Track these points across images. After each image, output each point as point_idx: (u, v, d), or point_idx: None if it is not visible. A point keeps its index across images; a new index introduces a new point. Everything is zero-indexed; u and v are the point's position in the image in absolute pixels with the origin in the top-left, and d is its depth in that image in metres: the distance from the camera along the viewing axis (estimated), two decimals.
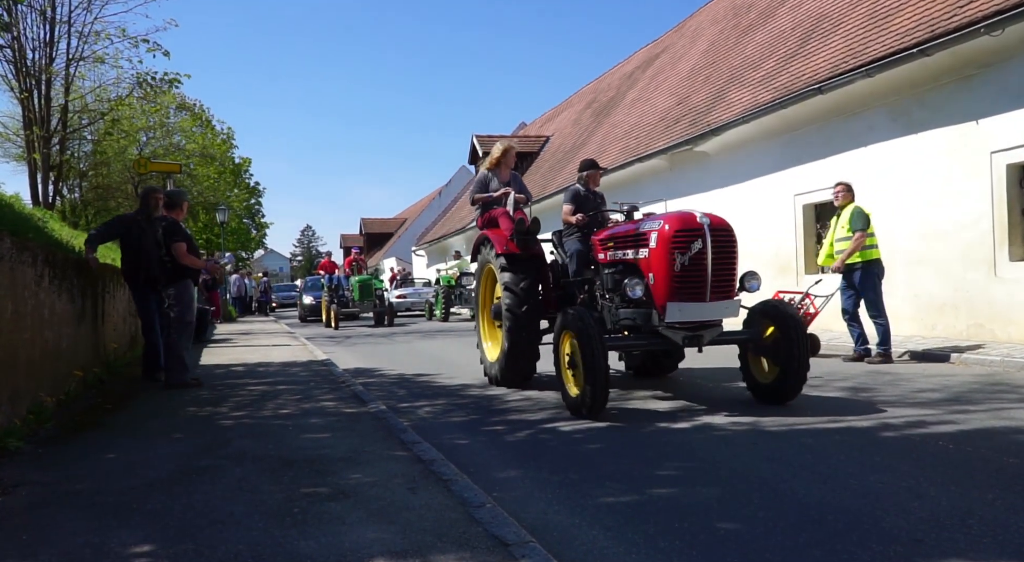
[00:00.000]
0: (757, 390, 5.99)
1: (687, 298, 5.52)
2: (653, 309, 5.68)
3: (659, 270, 5.61)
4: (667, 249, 5.54)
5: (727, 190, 14.10)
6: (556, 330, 5.93)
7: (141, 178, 21.24)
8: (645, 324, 5.82)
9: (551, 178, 23.21)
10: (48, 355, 5.77)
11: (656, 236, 5.65)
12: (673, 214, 5.75)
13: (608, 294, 6.38)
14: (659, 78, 20.85)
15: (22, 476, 3.89)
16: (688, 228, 5.53)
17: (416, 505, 3.30)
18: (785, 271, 12.55)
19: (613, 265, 6.34)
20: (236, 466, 4.07)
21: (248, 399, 6.53)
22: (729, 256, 5.63)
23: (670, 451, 4.52)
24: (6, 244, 4.76)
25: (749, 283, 5.89)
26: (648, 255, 5.73)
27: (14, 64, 15.53)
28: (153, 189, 8.34)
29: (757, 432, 4.94)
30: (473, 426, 5.61)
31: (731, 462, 4.19)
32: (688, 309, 5.54)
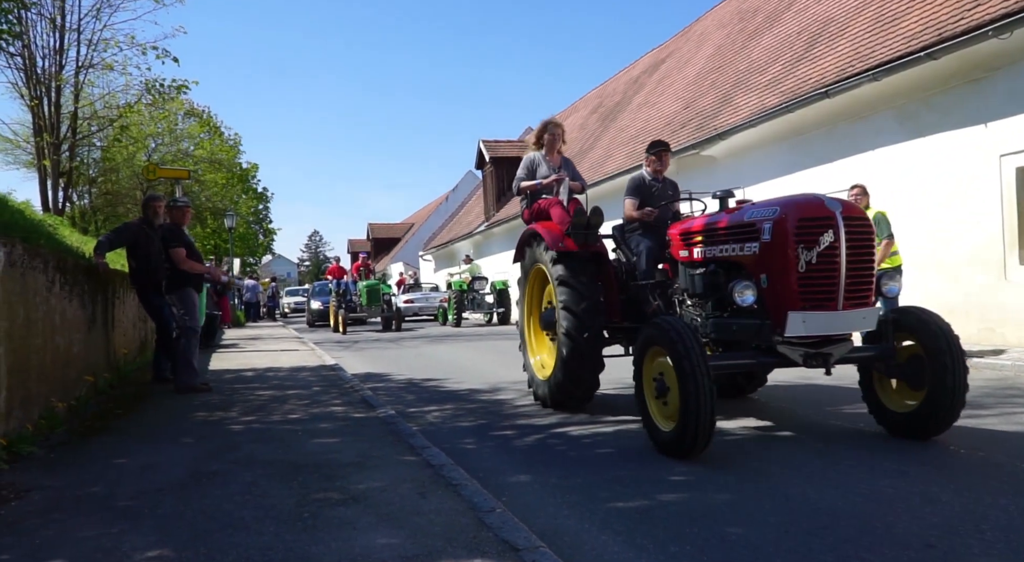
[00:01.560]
0: (889, 421, 4.79)
1: (814, 306, 4.32)
2: (765, 320, 4.50)
3: (776, 270, 4.43)
4: (788, 243, 4.35)
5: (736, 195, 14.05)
6: (639, 346, 4.72)
7: (150, 184, 21.34)
8: (754, 338, 4.63)
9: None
10: (59, 360, 5.80)
11: (771, 227, 4.45)
12: (792, 199, 4.56)
13: (694, 300, 5.30)
14: (665, 82, 20.84)
15: (35, 481, 3.91)
16: (815, 216, 4.33)
17: (426, 510, 3.30)
18: None
19: (702, 264, 5.20)
20: (246, 471, 4.08)
21: (257, 404, 6.55)
22: (867, 251, 4.45)
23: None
24: (18, 250, 4.78)
25: (887, 286, 4.79)
26: (759, 251, 4.55)
27: (24, 72, 15.65)
28: (154, 197, 8.40)
29: (768, 437, 4.93)
30: (482, 431, 5.61)
31: (742, 467, 4.17)
32: (815, 320, 4.32)
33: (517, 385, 7.91)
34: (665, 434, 4.45)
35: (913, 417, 4.61)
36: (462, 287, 21.86)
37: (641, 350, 4.70)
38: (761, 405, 6.07)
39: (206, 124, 28.92)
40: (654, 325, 4.55)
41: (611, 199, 18.66)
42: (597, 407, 6.34)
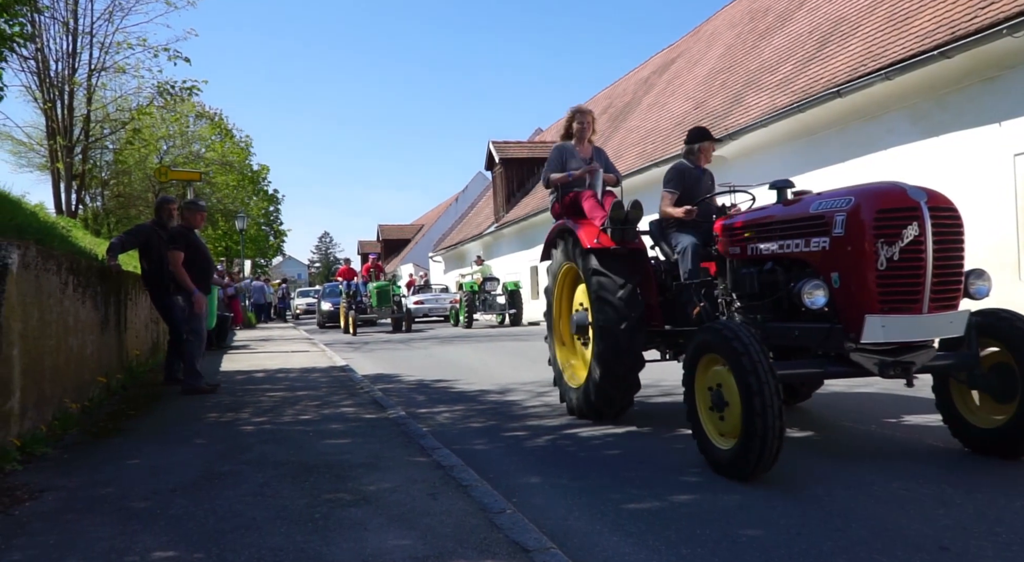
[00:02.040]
0: (972, 438, 4.30)
1: (894, 308, 3.85)
2: (835, 324, 4.03)
3: (850, 268, 3.93)
4: (865, 237, 3.86)
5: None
6: (692, 353, 4.25)
7: (162, 186, 21.48)
8: (821, 344, 4.15)
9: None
10: (72, 362, 5.84)
11: (845, 219, 3.95)
12: (868, 187, 4.06)
13: (744, 301, 4.77)
14: (675, 83, 20.81)
15: (48, 481, 3.94)
16: (898, 207, 3.85)
17: (436, 511, 3.31)
18: None
19: (757, 262, 4.70)
20: (257, 472, 4.10)
21: (268, 405, 6.58)
22: (956, 247, 4.00)
23: (691, 457, 4.49)
24: (32, 253, 4.83)
25: (975, 286, 4.26)
26: (829, 247, 4.05)
27: (38, 75, 15.81)
28: (167, 199, 8.46)
29: None
30: (492, 432, 5.61)
31: None
32: (896, 324, 3.84)
33: (527, 386, 7.92)
34: (723, 453, 3.98)
35: (1001, 434, 4.11)
36: (473, 288, 21.86)
37: (694, 357, 4.22)
38: None
39: (217, 126, 29.10)
40: (710, 330, 4.05)
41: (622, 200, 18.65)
42: None
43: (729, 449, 3.92)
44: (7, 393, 4.30)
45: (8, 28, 7.19)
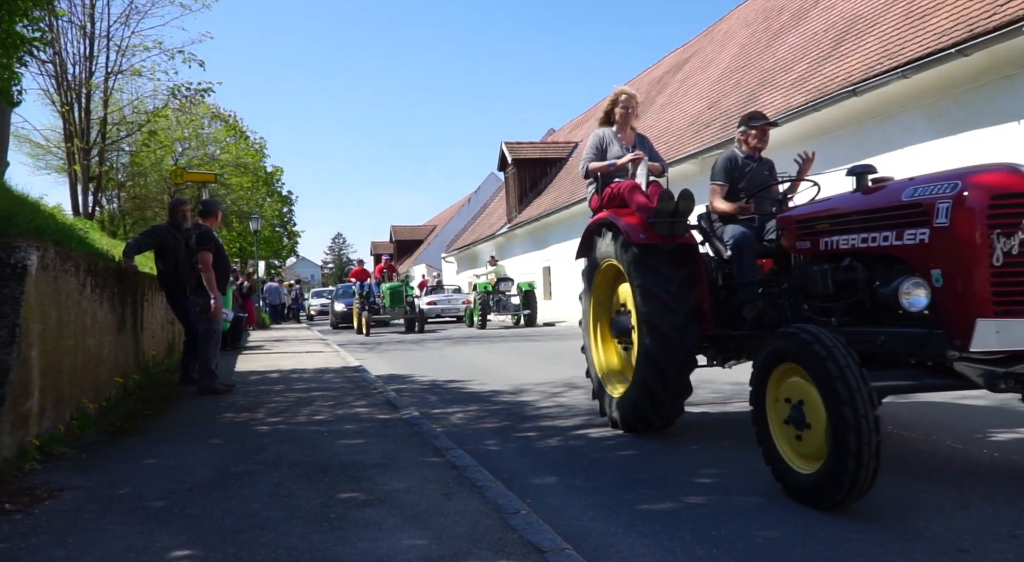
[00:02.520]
0: None
1: (1013, 311, 3.27)
2: (935, 329, 3.45)
3: (957, 264, 3.36)
4: (977, 228, 3.28)
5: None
6: (763, 362, 3.72)
7: (177, 188, 21.65)
8: (917, 352, 3.57)
9: (581, 183, 23.16)
10: (90, 362, 5.90)
11: (951, 207, 3.37)
12: (976, 170, 3.49)
13: (813, 303, 4.22)
14: (689, 82, 20.75)
15: (67, 480, 3.98)
16: (1017, 191, 3.29)
17: (451, 511, 3.31)
18: None
19: (832, 258, 4.14)
20: (273, 471, 4.12)
21: (283, 405, 6.61)
22: None
23: (706, 458, 4.49)
24: (50, 254, 4.88)
25: None
26: (930, 239, 3.47)
27: (55, 78, 15.95)
28: (180, 200, 8.52)
29: None
30: (505, 432, 5.62)
31: (768, 470, 4.13)
32: (1014, 329, 3.26)
33: (541, 387, 7.92)
34: (804, 477, 3.44)
35: None
36: (487, 289, 21.83)
37: (766, 367, 3.69)
38: None
39: (232, 128, 29.25)
40: (786, 336, 3.53)
41: None
42: None
43: (814, 473, 3.38)
44: (26, 393, 4.35)
45: (27, 33, 7.26)
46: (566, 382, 8.17)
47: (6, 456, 4.01)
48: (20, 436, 4.26)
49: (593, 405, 6.63)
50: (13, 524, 3.25)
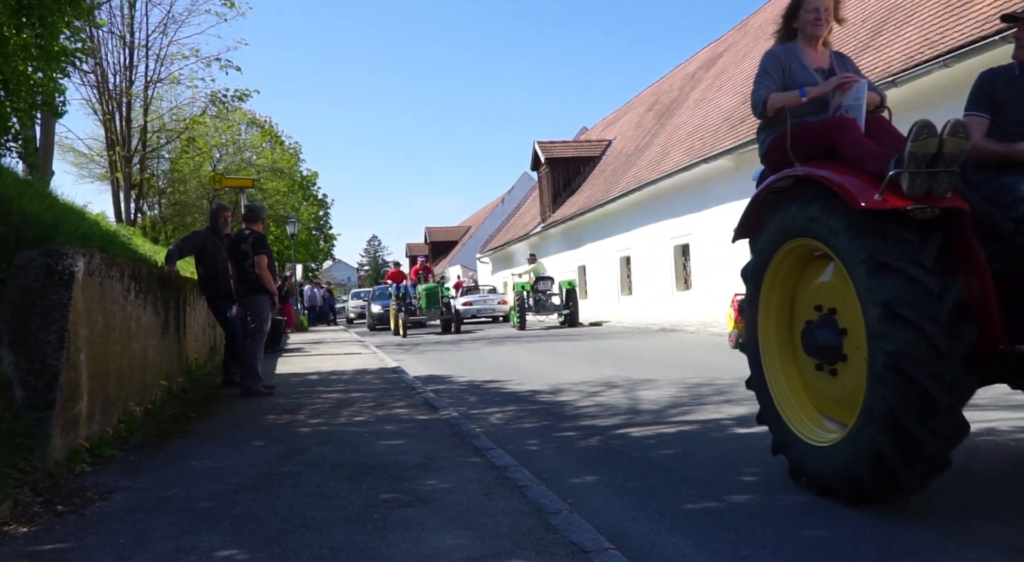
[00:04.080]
0: None
1: None
2: None
3: None
4: None
5: None
6: None
7: (216, 194, 22.02)
8: None
9: (615, 181, 23.08)
10: (135, 366, 6.02)
11: None
12: None
13: None
14: (723, 77, 20.53)
15: (116, 482, 4.06)
16: None
17: (493, 511, 3.32)
18: None
19: None
20: (315, 472, 4.17)
21: (324, 407, 6.68)
22: None
23: (748, 456, 4.43)
24: (96, 260, 4.99)
25: None
26: None
27: (97, 88, 16.37)
28: (222, 206, 8.66)
29: None
30: (544, 432, 5.61)
31: None
32: None
33: (579, 387, 7.90)
34: None
35: None
36: (524, 288, 21.35)
37: None
38: None
39: (268, 134, 29.68)
40: None
41: (669, 197, 18.50)
42: (657, 407, 6.28)
43: None
44: (76, 397, 4.46)
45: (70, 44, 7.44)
46: (604, 382, 8.14)
47: (57, 458, 4.11)
48: (70, 439, 4.36)
49: (633, 404, 6.61)
50: (66, 525, 3.33)
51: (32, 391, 4.16)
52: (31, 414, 4.07)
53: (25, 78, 6.68)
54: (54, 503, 3.62)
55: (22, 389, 4.16)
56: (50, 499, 3.67)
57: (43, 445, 3.99)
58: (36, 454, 3.94)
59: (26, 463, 3.84)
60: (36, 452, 3.95)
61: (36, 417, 4.07)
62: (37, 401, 4.13)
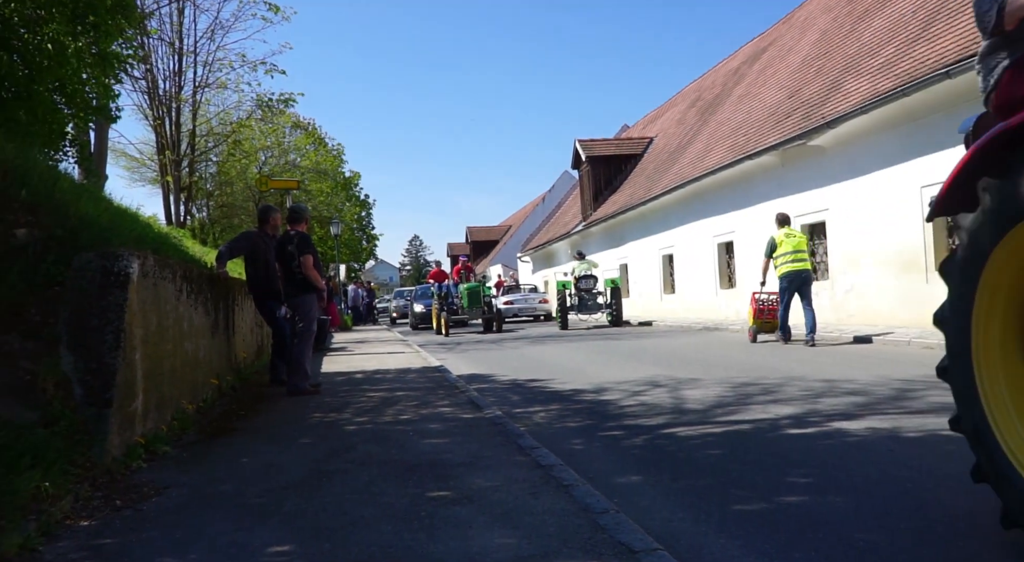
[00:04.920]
0: None
1: None
2: None
3: None
4: None
5: (845, 185, 13.50)
6: None
7: (262, 196, 22.42)
8: None
9: (657, 179, 22.90)
10: (187, 364, 6.16)
11: None
12: None
13: None
14: (767, 72, 20.21)
15: (171, 478, 4.17)
16: None
17: (539, 510, 3.32)
18: (910, 268, 11.88)
19: None
20: (363, 470, 4.21)
21: (369, 405, 6.76)
22: None
23: (797, 457, 4.36)
24: (149, 262, 5.11)
25: None
26: None
27: (148, 94, 16.79)
28: (271, 208, 8.79)
29: (893, 438, 4.69)
30: (589, 431, 5.59)
31: (866, 469, 3.99)
32: None
33: (622, 386, 7.85)
34: None
35: None
36: (565, 287, 20.71)
37: None
38: (880, 405, 5.79)
39: (311, 136, 30.14)
40: None
41: (712, 195, 18.30)
42: (703, 406, 6.22)
43: None
44: (131, 395, 4.58)
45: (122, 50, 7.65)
46: (648, 380, 8.07)
47: (115, 455, 4.23)
48: (127, 436, 4.48)
49: (678, 403, 6.57)
50: (124, 520, 3.42)
51: (90, 389, 4.28)
52: (89, 412, 4.20)
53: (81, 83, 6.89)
54: (113, 498, 3.73)
55: (81, 387, 4.29)
56: (109, 494, 3.78)
57: (101, 442, 4.11)
58: (94, 451, 4.06)
59: (85, 459, 3.96)
60: (94, 449, 4.06)
61: (94, 415, 4.19)
62: (95, 399, 4.26)
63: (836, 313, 13.69)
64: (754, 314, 12.24)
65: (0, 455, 3.42)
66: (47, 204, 4.97)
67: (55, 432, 3.93)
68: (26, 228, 4.73)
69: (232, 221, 26.27)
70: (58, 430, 3.96)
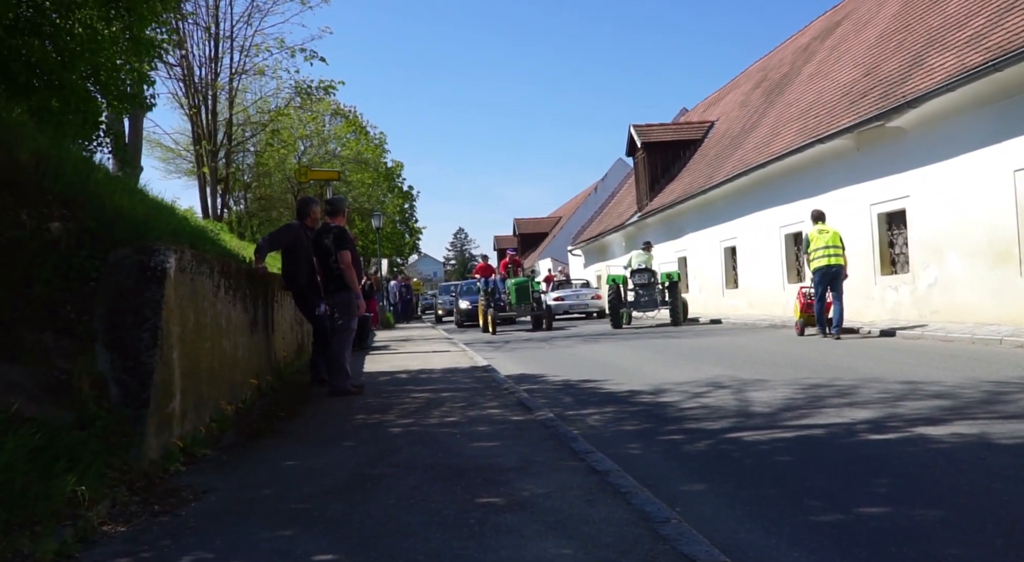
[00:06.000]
0: None
1: None
2: None
3: None
4: None
5: (928, 169, 13.11)
6: None
7: (302, 187, 22.77)
8: None
9: (718, 166, 22.57)
10: (226, 364, 6.29)
11: None
12: None
13: None
14: (841, 48, 19.74)
15: (210, 482, 4.25)
16: None
17: (595, 519, 3.30)
18: (1004, 259, 11.48)
19: None
20: (408, 475, 4.24)
21: (413, 406, 6.81)
22: None
23: (877, 465, 4.25)
24: (187, 257, 5.22)
25: None
26: None
27: (183, 81, 17.18)
28: (312, 200, 8.87)
29: (984, 445, 4.53)
30: (647, 435, 5.55)
31: (954, 479, 3.87)
32: None
33: (682, 387, 7.76)
34: None
35: None
36: (615, 281, 19.83)
37: None
38: (968, 408, 5.60)
39: (352, 124, 30.48)
40: None
41: (779, 182, 17.97)
42: (771, 409, 6.11)
43: None
44: (168, 395, 4.69)
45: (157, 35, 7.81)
46: (710, 381, 7.97)
47: (152, 458, 4.33)
48: (164, 438, 4.59)
49: (743, 405, 6.48)
50: (162, 526, 3.50)
51: (127, 389, 4.40)
52: (126, 413, 4.30)
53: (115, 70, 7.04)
54: (150, 503, 3.82)
55: (117, 387, 4.40)
56: (146, 499, 3.87)
57: (138, 444, 4.21)
58: (131, 453, 4.16)
59: (122, 463, 4.06)
60: (131, 451, 4.16)
61: (131, 416, 4.30)
62: (132, 399, 4.36)
63: (918, 309, 13.33)
64: (801, 308, 13.34)
65: (35, 458, 3.51)
66: (81, 197, 5.09)
67: (91, 434, 4.03)
68: (60, 222, 4.86)
69: (270, 214, 26.74)
70: (94, 432, 4.06)
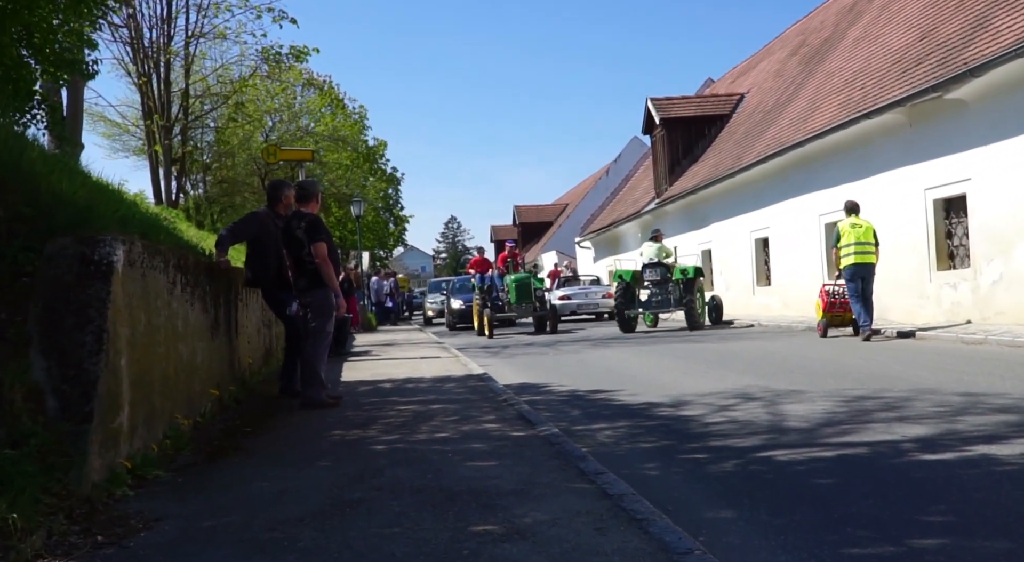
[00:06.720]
0: None
1: None
2: None
3: None
4: None
5: (994, 148, 13.09)
6: None
7: (269, 168, 22.74)
8: None
9: (748, 145, 22.59)
10: (183, 371, 6.28)
11: None
12: None
13: None
14: (892, 8, 19.74)
15: (163, 509, 4.24)
16: None
17: (606, 550, 3.29)
18: None
19: None
20: (392, 499, 4.24)
21: (399, 420, 6.81)
22: None
23: (932, 490, 4.25)
24: (137, 248, 5.20)
25: None
26: None
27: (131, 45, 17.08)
28: (283, 183, 8.83)
29: None
30: (666, 454, 5.56)
31: (1021, 506, 3.87)
32: None
33: (706, 398, 7.77)
34: None
35: None
36: (621, 277, 19.66)
37: None
38: None
39: (327, 96, 30.39)
40: None
41: (819, 163, 17.98)
42: (808, 425, 6.11)
43: None
44: (116, 407, 4.66)
45: None
46: (739, 393, 7.98)
47: (95, 480, 4.30)
48: (110, 457, 4.56)
49: (777, 420, 6.50)
50: (107, 559, 3.48)
51: (66, 401, 4.36)
52: (65, 428, 4.25)
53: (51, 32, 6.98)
54: (93, 532, 3.79)
55: (55, 399, 4.36)
56: (88, 528, 3.84)
57: (79, 465, 4.17)
58: (71, 475, 4.12)
59: (60, 486, 4.02)
60: (71, 473, 4.13)
61: (71, 432, 4.25)
62: (72, 413, 4.33)
63: (980, 310, 13.33)
64: (823, 307, 13.65)
65: None
66: (12, 179, 5.05)
67: (24, 453, 3.99)
68: None
69: (234, 199, 26.68)
70: (28, 450, 4.01)
